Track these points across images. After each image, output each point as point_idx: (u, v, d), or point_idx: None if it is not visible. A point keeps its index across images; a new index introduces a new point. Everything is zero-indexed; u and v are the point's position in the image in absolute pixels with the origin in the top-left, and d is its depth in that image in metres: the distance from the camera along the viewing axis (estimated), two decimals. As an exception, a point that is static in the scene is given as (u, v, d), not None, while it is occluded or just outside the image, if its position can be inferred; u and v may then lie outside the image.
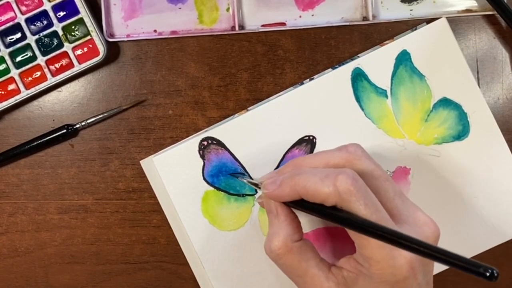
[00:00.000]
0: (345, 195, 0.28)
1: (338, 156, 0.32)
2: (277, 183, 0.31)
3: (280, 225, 0.31)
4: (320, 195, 0.29)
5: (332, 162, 0.32)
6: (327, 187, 0.29)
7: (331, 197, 0.29)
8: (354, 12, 0.42)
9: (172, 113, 0.42)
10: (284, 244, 0.31)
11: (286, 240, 0.31)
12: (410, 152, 0.41)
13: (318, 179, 0.29)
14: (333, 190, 0.28)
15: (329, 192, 0.29)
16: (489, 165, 0.41)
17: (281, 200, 0.32)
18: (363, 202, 0.28)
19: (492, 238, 0.41)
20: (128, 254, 0.43)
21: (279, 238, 0.31)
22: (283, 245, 0.31)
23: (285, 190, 0.31)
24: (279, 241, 0.31)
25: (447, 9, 0.41)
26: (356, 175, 0.29)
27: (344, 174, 0.29)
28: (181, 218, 0.40)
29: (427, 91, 0.41)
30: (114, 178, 0.43)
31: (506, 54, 0.42)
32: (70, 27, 0.41)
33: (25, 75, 0.41)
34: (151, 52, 0.42)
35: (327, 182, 0.29)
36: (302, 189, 0.30)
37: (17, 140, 0.43)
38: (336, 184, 0.28)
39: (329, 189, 0.28)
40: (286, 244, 0.31)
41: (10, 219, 0.43)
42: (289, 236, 0.31)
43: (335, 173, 0.29)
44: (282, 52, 0.42)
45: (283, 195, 0.31)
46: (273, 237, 0.31)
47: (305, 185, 0.29)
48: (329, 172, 0.29)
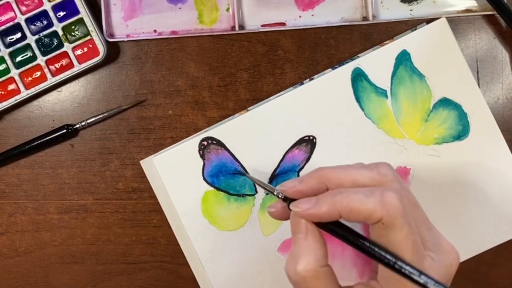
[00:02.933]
0: (392, 211, 0.27)
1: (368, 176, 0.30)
2: (312, 201, 0.29)
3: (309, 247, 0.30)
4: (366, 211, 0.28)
5: (360, 181, 0.30)
6: (373, 203, 0.27)
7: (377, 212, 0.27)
8: (354, 12, 0.42)
9: (172, 113, 0.42)
10: (313, 268, 0.29)
11: (315, 264, 0.29)
12: (410, 152, 0.41)
13: (362, 196, 0.28)
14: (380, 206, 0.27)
15: (375, 207, 0.27)
16: (489, 165, 0.41)
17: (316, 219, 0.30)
18: (408, 221, 0.28)
19: (492, 238, 0.41)
20: (128, 254, 0.43)
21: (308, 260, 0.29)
22: (312, 269, 0.29)
23: (323, 208, 0.29)
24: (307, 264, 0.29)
25: (447, 9, 0.41)
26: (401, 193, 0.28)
27: (391, 191, 0.28)
28: (181, 218, 0.40)
29: (427, 91, 0.41)
30: (114, 178, 0.43)
31: (506, 54, 0.42)
32: (70, 27, 0.41)
33: (25, 75, 0.41)
34: (151, 52, 0.42)
35: (373, 199, 0.28)
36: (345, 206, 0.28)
37: (17, 140, 0.43)
38: (383, 200, 0.27)
39: (376, 204, 0.27)
40: (315, 268, 0.29)
41: (10, 219, 0.43)
42: (319, 260, 0.29)
43: (381, 189, 0.28)
44: (282, 52, 0.42)
45: (320, 213, 0.29)
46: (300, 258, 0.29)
47: (349, 202, 0.28)
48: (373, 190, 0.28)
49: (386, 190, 0.28)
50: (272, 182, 0.41)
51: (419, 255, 0.28)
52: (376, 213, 0.28)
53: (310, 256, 0.29)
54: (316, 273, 0.29)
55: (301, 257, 0.29)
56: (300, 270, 0.29)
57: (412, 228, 0.28)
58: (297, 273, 0.29)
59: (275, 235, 0.41)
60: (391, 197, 0.28)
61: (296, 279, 0.29)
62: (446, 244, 0.31)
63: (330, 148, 0.41)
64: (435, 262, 0.29)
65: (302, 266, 0.29)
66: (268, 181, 0.41)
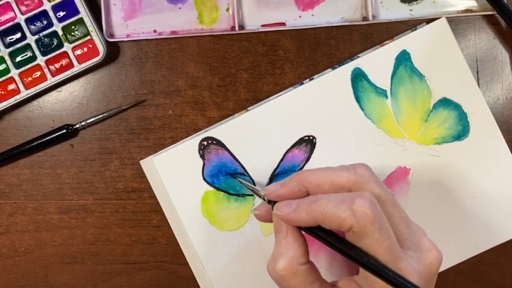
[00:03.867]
0: (361, 219, 0.28)
1: (346, 177, 0.31)
2: (293, 206, 0.31)
3: (288, 246, 0.31)
4: (337, 219, 0.28)
5: (338, 182, 0.31)
6: (344, 211, 0.28)
7: (347, 221, 0.28)
8: (354, 12, 0.42)
9: (172, 113, 0.42)
10: (290, 266, 0.30)
11: (292, 262, 0.30)
12: (410, 152, 0.41)
13: (334, 204, 0.29)
14: (350, 214, 0.28)
15: (345, 216, 0.28)
16: (489, 165, 0.41)
17: (295, 224, 0.31)
18: (378, 227, 0.28)
19: (492, 238, 0.41)
20: (128, 254, 0.43)
21: (285, 259, 0.30)
22: (289, 267, 0.30)
23: (301, 215, 0.30)
24: (285, 262, 0.30)
25: (447, 9, 0.41)
26: (373, 199, 0.29)
27: (361, 198, 0.28)
28: (181, 218, 0.40)
29: (427, 91, 0.41)
30: (114, 178, 0.43)
31: (506, 54, 0.42)
32: (70, 27, 0.41)
33: (25, 75, 0.41)
34: (151, 52, 0.42)
35: (344, 207, 0.28)
36: (318, 214, 0.29)
37: (17, 140, 0.43)
38: (353, 208, 0.28)
39: (346, 213, 0.28)
40: (292, 266, 0.30)
41: (10, 219, 0.43)
42: (296, 258, 0.30)
43: (352, 196, 0.29)
44: (282, 52, 0.42)
45: (299, 219, 0.30)
46: (279, 257, 0.31)
47: (322, 211, 0.29)
48: (346, 197, 0.29)
49: (356, 197, 0.29)
50: (272, 182, 0.41)
51: (394, 257, 0.28)
52: (347, 222, 0.28)
53: (288, 255, 0.30)
54: (294, 271, 0.30)
55: (279, 256, 0.31)
56: (279, 269, 0.30)
57: (384, 233, 0.28)
58: (276, 271, 0.30)
59: (275, 235, 0.41)
60: (360, 205, 0.28)
61: (275, 277, 0.31)
62: (427, 242, 0.31)
63: (330, 148, 0.41)
64: (413, 261, 0.29)
65: (280, 265, 0.30)
66: (268, 181, 0.41)
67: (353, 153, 0.41)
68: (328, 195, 0.30)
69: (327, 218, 0.29)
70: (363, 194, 0.29)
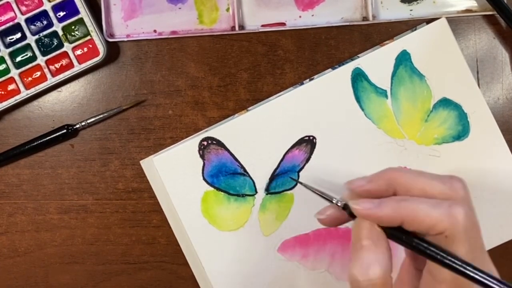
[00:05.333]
0: (458, 226, 0.27)
1: (440, 189, 0.30)
2: (375, 202, 0.29)
3: (381, 254, 0.29)
4: (431, 220, 0.28)
5: (430, 192, 0.29)
6: (440, 214, 0.27)
7: (442, 223, 0.27)
8: (354, 12, 0.42)
9: (172, 113, 0.42)
10: (385, 276, 0.29)
11: (387, 273, 0.29)
12: (410, 152, 0.41)
13: (428, 206, 0.28)
14: (446, 218, 0.27)
15: (441, 218, 0.27)
16: (489, 165, 0.41)
17: (375, 221, 0.29)
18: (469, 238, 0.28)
19: (492, 238, 0.41)
20: (128, 254, 0.43)
21: (381, 268, 0.29)
22: (383, 277, 0.29)
23: (385, 211, 0.29)
24: (381, 272, 0.29)
25: (447, 9, 0.41)
26: (468, 211, 0.28)
27: (460, 206, 0.28)
28: (181, 218, 0.40)
29: (427, 91, 0.41)
30: (114, 178, 0.43)
31: (506, 54, 0.42)
32: (70, 27, 0.41)
33: (25, 75, 0.41)
34: (151, 52, 0.42)
35: (441, 210, 0.28)
36: (410, 212, 0.28)
37: (17, 140, 0.43)
38: (451, 213, 0.27)
39: (442, 216, 0.27)
40: (386, 276, 0.29)
41: (10, 219, 0.43)
42: (389, 269, 0.29)
43: (449, 202, 0.28)
44: (282, 52, 0.42)
45: (381, 215, 0.29)
46: (372, 264, 0.29)
47: (414, 208, 0.28)
48: (441, 202, 0.28)
49: (455, 204, 0.28)
50: (272, 182, 0.41)
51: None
52: (441, 224, 0.27)
53: (383, 264, 0.29)
54: (385, 281, 0.29)
55: (372, 264, 0.29)
56: (373, 277, 0.29)
57: (472, 246, 0.28)
58: (370, 279, 0.29)
59: (275, 235, 0.41)
60: (459, 211, 0.28)
61: (365, 285, 0.29)
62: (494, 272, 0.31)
63: (330, 148, 0.41)
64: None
65: (375, 272, 0.29)
66: (268, 181, 0.41)
67: (353, 153, 0.41)
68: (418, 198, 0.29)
69: (419, 217, 0.28)
70: (459, 203, 0.28)
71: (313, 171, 0.41)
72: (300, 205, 0.41)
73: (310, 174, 0.41)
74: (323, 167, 0.40)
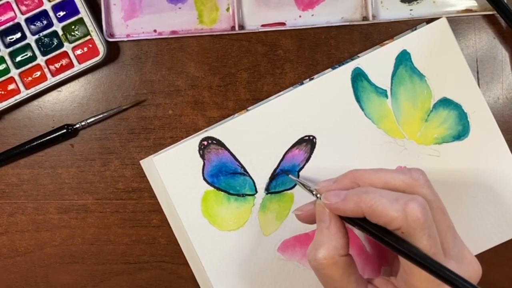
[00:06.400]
0: (412, 223, 0.28)
1: (400, 179, 0.31)
2: (341, 196, 0.31)
3: (331, 236, 0.31)
4: (387, 217, 0.29)
5: (392, 184, 0.31)
6: (396, 211, 0.28)
7: (397, 221, 0.28)
8: (354, 12, 0.42)
9: (172, 113, 0.42)
10: (331, 256, 0.31)
11: (333, 253, 0.31)
12: (410, 152, 0.41)
13: (387, 201, 0.29)
14: (402, 215, 0.28)
15: (397, 215, 0.28)
16: (489, 165, 0.41)
17: (341, 214, 0.31)
18: (427, 233, 0.28)
19: (492, 238, 0.41)
20: (128, 254, 0.43)
21: (327, 248, 0.31)
22: (330, 257, 0.31)
23: (349, 205, 0.30)
24: (326, 252, 0.31)
25: (447, 9, 0.41)
26: (426, 204, 0.29)
27: (415, 201, 0.29)
28: (181, 218, 0.40)
29: (427, 91, 0.41)
30: (114, 178, 0.43)
31: (506, 54, 0.42)
32: (70, 27, 0.41)
33: (25, 75, 0.41)
34: (151, 52, 0.42)
35: (396, 206, 0.29)
36: (368, 207, 0.29)
37: (17, 140, 0.43)
38: (406, 210, 0.28)
39: (398, 213, 0.28)
40: (333, 256, 0.31)
41: (10, 219, 0.43)
42: (337, 249, 0.31)
43: (406, 198, 0.29)
44: (282, 52, 0.42)
45: (346, 209, 0.31)
46: (320, 246, 0.31)
47: (372, 205, 0.29)
48: (399, 196, 0.29)
49: (411, 200, 0.29)
50: (272, 182, 0.41)
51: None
52: (397, 221, 0.28)
53: (330, 245, 0.31)
54: (334, 261, 0.31)
55: (321, 244, 0.31)
56: (319, 257, 0.31)
57: (432, 240, 0.29)
58: (316, 259, 0.31)
59: (275, 235, 0.41)
60: (414, 208, 0.28)
61: (315, 265, 0.31)
62: (468, 255, 0.31)
63: (330, 148, 0.41)
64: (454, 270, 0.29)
65: (321, 254, 0.31)
66: (268, 181, 0.41)
67: (353, 153, 0.41)
68: (380, 190, 0.30)
69: (376, 213, 0.29)
70: (417, 198, 0.29)
71: (313, 171, 0.41)
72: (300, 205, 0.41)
73: (310, 174, 0.41)
74: (323, 167, 0.41)
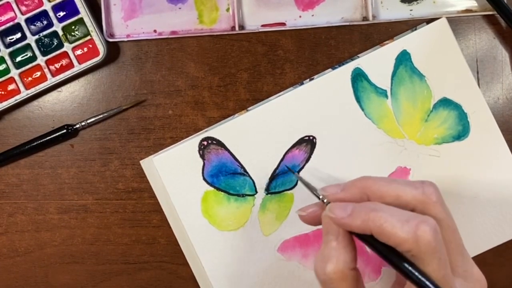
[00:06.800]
0: (423, 247, 0.28)
1: (412, 195, 0.30)
2: (348, 211, 0.30)
3: (340, 250, 0.30)
4: (397, 239, 0.28)
5: (403, 198, 0.30)
6: (406, 233, 0.28)
7: (408, 244, 0.28)
8: (354, 12, 0.42)
9: (172, 113, 0.42)
10: (340, 270, 0.30)
11: (343, 267, 0.30)
12: (410, 152, 0.41)
13: (397, 221, 0.28)
14: (412, 238, 0.27)
15: (407, 238, 0.28)
16: (489, 165, 0.41)
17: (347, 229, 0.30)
18: (438, 257, 0.28)
19: (492, 238, 0.41)
20: (128, 254, 0.43)
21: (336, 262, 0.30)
22: (339, 271, 0.30)
23: (356, 222, 0.29)
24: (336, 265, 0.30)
25: (447, 9, 0.41)
26: (437, 227, 0.28)
27: (427, 224, 0.28)
28: (181, 218, 0.40)
29: (427, 91, 0.41)
30: (114, 178, 0.43)
31: (506, 54, 0.42)
32: (70, 27, 0.41)
33: (25, 75, 0.41)
34: (151, 52, 0.42)
35: (407, 228, 0.28)
36: (377, 227, 0.28)
37: (17, 140, 0.43)
38: (417, 233, 0.27)
39: (408, 235, 0.27)
40: (343, 270, 0.30)
41: (10, 219, 0.43)
42: (347, 263, 0.30)
43: (417, 220, 0.28)
44: (282, 52, 0.42)
45: (352, 225, 0.29)
46: (329, 259, 0.30)
47: (382, 224, 0.28)
48: (410, 217, 0.28)
49: (422, 222, 0.28)
50: (272, 182, 0.41)
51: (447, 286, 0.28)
52: (407, 244, 0.28)
53: (340, 258, 0.30)
54: (343, 275, 0.30)
55: (330, 258, 0.30)
56: (329, 271, 0.30)
57: (442, 263, 0.28)
58: (326, 273, 0.30)
59: (275, 235, 0.41)
60: (425, 231, 0.28)
61: (323, 278, 0.30)
62: (476, 272, 0.31)
63: (330, 148, 0.41)
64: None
65: (331, 268, 0.30)
66: (268, 181, 0.41)
67: (353, 153, 0.41)
68: (390, 207, 0.29)
69: (385, 233, 0.28)
70: (428, 220, 0.28)
71: (313, 171, 0.41)
72: (300, 205, 0.40)
73: (310, 174, 0.41)
74: (323, 167, 0.41)
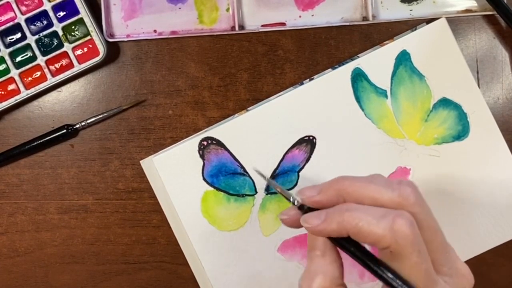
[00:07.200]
0: (401, 240, 0.27)
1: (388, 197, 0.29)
2: (321, 217, 0.29)
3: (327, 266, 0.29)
4: (374, 236, 0.27)
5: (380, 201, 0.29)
6: (383, 229, 0.27)
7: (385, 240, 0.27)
8: (354, 12, 0.42)
9: (172, 113, 0.42)
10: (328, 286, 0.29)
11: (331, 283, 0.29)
12: (410, 152, 0.41)
13: (372, 219, 0.28)
14: (389, 233, 0.27)
15: (384, 234, 0.27)
16: (489, 165, 0.41)
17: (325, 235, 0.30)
18: (417, 249, 0.27)
19: (492, 238, 0.41)
20: (128, 254, 0.43)
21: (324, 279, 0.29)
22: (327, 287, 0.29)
23: (331, 226, 0.29)
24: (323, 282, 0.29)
25: (447, 9, 0.41)
26: (413, 220, 0.28)
27: (403, 218, 0.28)
28: (181, 218, 0.40)
29: (427, 91, 0.41)
30: (114, 178, 0.43)
31: (506, 54, 0.42)
32: (70, 27, 0.41)
33: (25, 75, 0.41)
34: (151, 52, 0.42)
35: (383, 224, 0.27)
36: (353, 227, 0.28)
37: (17, 140, 0.43)
38: (393, 228, 0.27)
39: (385, 231, 0.27)
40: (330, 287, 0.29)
41: (10, 219, 0.43)
42: (335, 279, 0.29)
43: (392, 214, 0.28)
44: (282, 52, 0.42)
45: (329, 230, 0.29)
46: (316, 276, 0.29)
47: (357, 224, 0.28)
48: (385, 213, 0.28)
49: (398, 216, 0.28)
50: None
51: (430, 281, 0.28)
52: (385, 240, 0.27)
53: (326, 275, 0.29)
54: None
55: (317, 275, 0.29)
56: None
57: (422, 256, 0.28)
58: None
59: (275, 235, 0.41)
60: (402, 225, 0.27)
61: None
62: (461, 267, 0.31)
63: (330, 148, 0.41)
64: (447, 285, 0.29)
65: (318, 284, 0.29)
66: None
67: (353, 153, 0.41)
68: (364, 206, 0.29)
69: (362, 232, 0.28)
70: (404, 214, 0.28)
71: (313, 171, 0.41)
72: (300, 205, 0.41)
73: (310, 174, 0.41)
74: (323, 167, 0.41)
